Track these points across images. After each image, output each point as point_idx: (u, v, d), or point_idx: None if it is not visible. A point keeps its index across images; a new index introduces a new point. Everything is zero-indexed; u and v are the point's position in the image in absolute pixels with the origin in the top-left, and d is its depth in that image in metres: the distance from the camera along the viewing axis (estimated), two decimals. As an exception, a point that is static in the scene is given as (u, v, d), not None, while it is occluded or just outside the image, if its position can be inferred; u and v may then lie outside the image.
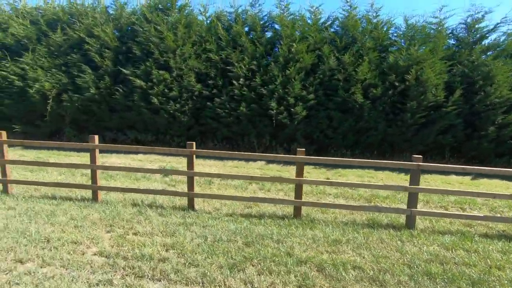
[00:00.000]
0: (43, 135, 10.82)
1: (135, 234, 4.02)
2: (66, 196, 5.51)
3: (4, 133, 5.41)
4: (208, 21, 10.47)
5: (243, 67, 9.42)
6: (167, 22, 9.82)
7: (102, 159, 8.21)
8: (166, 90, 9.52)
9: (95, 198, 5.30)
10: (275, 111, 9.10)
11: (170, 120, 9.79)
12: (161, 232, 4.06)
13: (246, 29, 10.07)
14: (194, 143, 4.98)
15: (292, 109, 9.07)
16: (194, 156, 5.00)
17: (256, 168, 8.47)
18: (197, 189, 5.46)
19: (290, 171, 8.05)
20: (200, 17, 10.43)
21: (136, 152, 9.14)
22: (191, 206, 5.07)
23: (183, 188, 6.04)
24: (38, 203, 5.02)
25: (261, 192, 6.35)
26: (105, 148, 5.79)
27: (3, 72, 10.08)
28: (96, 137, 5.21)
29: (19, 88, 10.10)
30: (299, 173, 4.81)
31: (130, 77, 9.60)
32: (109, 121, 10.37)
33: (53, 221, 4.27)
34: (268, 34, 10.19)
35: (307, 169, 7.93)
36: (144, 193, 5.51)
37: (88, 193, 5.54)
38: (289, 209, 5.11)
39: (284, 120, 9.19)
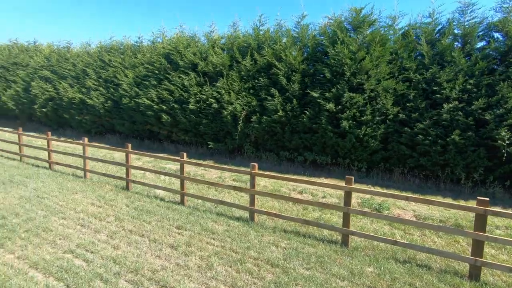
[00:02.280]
0: (226, 151, 12.02)
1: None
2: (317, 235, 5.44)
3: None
4: (398, 35, 9.48)
5: (456, 88, 7.98)
6: (358, 41, 9.33)
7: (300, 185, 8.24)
8: (357, 114, 9.00)
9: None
10: (506, 142, 7.29)
11: (356, 144, 9.23)
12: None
13: (457, 42, 8.59)
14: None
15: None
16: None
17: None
18: None
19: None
20: (391, 31, 9.55)
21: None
22: None
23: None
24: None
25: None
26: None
27: (203, 96, 11.69)
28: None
29: (214, 110, 11.48)
30: None
31: (318, 100, 9.52)
32: (288, 142, 10.61)
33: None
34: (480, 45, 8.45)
35: None
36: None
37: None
38: None
39: (517, 153, 7.28)
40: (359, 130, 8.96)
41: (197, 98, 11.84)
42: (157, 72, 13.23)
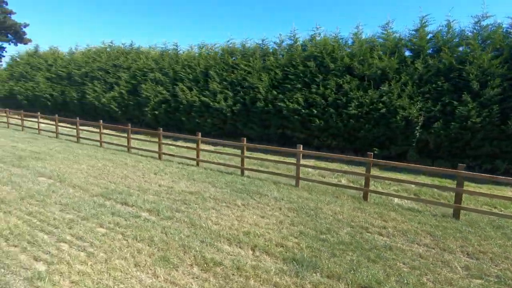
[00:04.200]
0: (386, 157, 11.55)
1: None
2: None
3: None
4: None
5: None
6: None
7: None
8: None
9: None
10: None
11: None
12: None
13: None
14: None
15: None
16: None
17: None
18: None
19: None
20: None
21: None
22: None
23: None
24: None
25: None
26: None
27: (366, 100, 11.26)
28: None
29: (380, 114, 11.03)
30: None
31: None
32: (472, 149, 10.05)
33: None
34: None
35: None
36: None
37: None
38: None
39: None
40: None
41: (358, 102, 11.43)
42: (302, 75, 12.90)
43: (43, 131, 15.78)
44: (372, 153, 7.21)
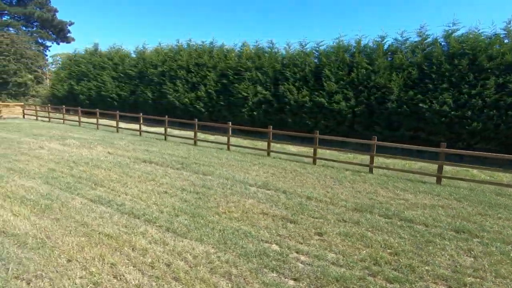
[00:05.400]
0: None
1: None
2: None
3: None
4: None
5: None
6: None
7: None
8: None
9: None
10: None
11: None
12: None
13: None
14: None
15: None
16: None
17: None
18: None
19: None
20: None
21: None
22: None
23: None
24: None
25: None
26: None
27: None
28: None
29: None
30: None
31: None
32: None
33: None
34: None
35: None
36: None
37: None
38: None
39: None
40: None
41: (526, 103, 10.55)
42: (447, 74, 12.03)
43: (146, 132, 14.97)
44: None
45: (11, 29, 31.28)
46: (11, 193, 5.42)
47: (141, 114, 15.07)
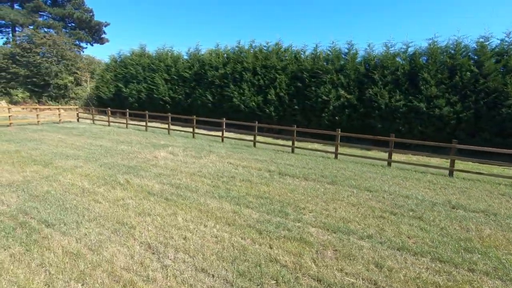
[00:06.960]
0: None
1: None
2: None
3: None
4: None
5: None
6: None
7: None
8: None
9: None
10: None
11: None
12: None
13: None
14: None
15: None
16: None
17: None
18: None
19: None
20: None
21: None
22: None
23: None
24: None
25: None
26: None
27: None
28: None
29: None
30: None
31: None
32: None
33: None
34: None
35: None
36: None
37: None
38: None
39: None
40: None
41: None
42: None
43: (227, 138, 14.13)
44: None
45: (51, 30, 30.79)
46: (224, 217, 4.57)
47: (224, 119, 14.23)
